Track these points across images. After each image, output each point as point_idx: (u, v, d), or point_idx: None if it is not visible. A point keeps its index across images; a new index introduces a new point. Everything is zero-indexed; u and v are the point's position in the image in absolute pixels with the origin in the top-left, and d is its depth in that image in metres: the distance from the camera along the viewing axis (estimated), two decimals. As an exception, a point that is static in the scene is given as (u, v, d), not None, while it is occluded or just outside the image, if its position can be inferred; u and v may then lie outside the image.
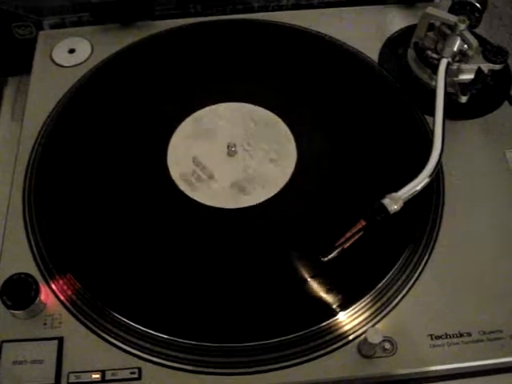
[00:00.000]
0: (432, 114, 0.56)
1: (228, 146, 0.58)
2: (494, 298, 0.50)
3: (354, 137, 0.60)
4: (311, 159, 0.58)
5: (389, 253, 0.52)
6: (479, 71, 0.59)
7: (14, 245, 0.52)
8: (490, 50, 0.60)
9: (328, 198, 0.56)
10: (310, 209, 0.55)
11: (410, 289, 0.50)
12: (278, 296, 0.50)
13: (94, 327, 0.48)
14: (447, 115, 0.56)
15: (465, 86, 0.60)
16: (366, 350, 0.47)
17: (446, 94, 0.57)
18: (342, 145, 0.60)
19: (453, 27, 0.60)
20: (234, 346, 0.47)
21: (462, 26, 0.59)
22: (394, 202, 0.50)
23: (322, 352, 0.47)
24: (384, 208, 0.50)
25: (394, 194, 0.50)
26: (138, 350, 0.47)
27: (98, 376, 0.46)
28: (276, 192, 0.56)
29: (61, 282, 0.50)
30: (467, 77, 0.60)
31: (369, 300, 0.49)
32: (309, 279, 0.50)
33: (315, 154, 0.59)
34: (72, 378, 0.46)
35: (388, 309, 0.49)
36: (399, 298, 0.50)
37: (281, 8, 0.73)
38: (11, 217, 0.54)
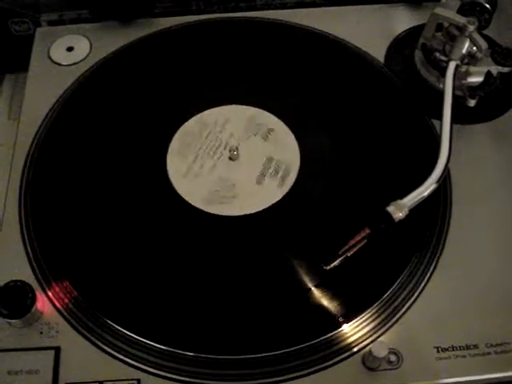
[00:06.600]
0: (439, 117, 0.55)
1: (230, 150, 0.57)
2: (501, 309, 0.49)
3: (359, 141, 0.59)
4: (315, 164, 0.57)
5: (394, 262, 0.51)
6: (489, 74, 0.57)
7: (9, 251, 0.51)
8: (499, 53, 0.58)
9: (332, 204, 0.55)
10: (314, 216, 0.54)
11: (416, 299, 0.49)
12: (280, 307, 0.49)
13: (91, 337, 0.47)
14: (455, 119, 0.55)
15: (473, 90, 0.59)
16: (370, 363, 0.46)
17: (454, 97, 0.56)
18: (347, 149, 0.58)
19: (462, 29, 0.58)
20: (235, 358, 0.46)
21: (471, 28, 0.58)
22: (398, 210, 0.49)
23: (325, 364, 0.46)
24: (389, 215, 0.48)
25: (399, 201, 0.49)
26: (137, 361, 0.46)
27: (95, 387, 0.45)
28: (279, 198, 0.55)
29: (58, 289, 0.49)
30: (476, 80, 0.59)
31: (374, 311, 0.48)
32: (312, 288, 0.49)
33: (319, 158, 0.58)
34: (69, 389, 0.45)
35: (393, 320, 0.48)
36: (405, 308, 0.49)
37: (284, 6, 0.71)
38: (7, 222, 0.53)
